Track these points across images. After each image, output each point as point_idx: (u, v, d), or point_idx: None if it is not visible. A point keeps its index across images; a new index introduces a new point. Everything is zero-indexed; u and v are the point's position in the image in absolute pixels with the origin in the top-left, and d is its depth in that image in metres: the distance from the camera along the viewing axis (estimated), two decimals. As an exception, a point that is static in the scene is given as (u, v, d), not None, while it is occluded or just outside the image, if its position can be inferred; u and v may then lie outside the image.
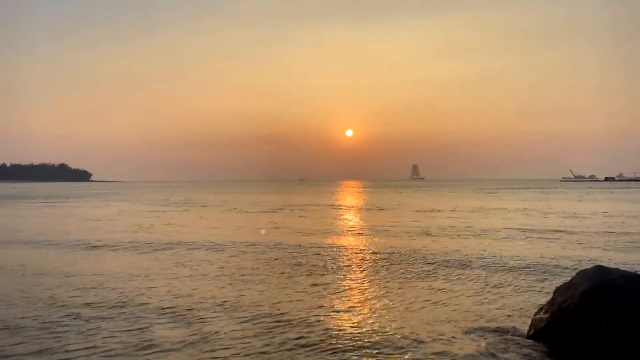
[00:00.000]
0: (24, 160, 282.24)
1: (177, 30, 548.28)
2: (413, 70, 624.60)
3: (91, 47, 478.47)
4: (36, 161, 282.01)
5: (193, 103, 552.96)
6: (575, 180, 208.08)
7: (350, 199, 55.74)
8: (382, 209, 36.00)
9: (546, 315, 6.29)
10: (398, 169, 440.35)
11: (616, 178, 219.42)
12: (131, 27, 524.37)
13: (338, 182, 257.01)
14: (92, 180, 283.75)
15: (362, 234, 19.91)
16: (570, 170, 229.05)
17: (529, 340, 6.33)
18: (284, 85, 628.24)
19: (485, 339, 6.44)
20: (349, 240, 17.45)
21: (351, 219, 28.25)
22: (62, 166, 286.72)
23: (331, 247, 15.43)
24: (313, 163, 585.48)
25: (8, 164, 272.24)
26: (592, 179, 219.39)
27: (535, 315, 6.61)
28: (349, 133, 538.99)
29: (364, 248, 15.20)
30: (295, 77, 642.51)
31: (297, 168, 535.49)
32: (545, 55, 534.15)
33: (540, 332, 6.28)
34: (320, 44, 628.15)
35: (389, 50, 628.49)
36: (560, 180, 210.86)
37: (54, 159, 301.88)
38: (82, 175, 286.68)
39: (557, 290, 6.50)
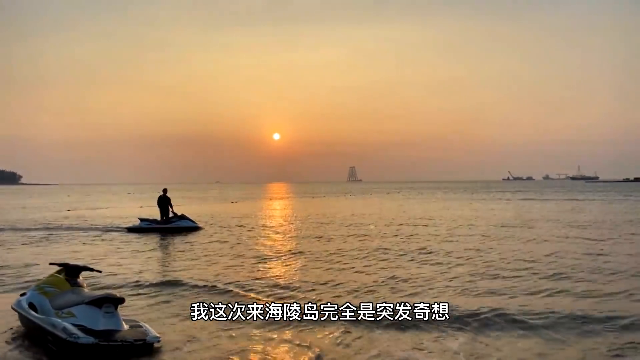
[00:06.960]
0: None
1: (102, 31, 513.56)
2: (340, 76, 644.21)
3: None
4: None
5: (112, 103, 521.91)
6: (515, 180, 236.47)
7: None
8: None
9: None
10: (335, 171, 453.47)
11: (543, 179, 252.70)
12: (57, 23, 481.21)
13: (263, 184, 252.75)
14: (22, 183, 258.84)
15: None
16: (509, 172, 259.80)
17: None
18: (205, 89, 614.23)
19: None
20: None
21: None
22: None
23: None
24: (236, 165, 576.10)
25: None
26: (530, 179, 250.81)
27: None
28: (276, 136, 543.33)
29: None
30: (217, 81, 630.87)
31: (217, 171, 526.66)
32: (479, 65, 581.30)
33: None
34: (243, 48, 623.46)
35: (313, 58, 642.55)
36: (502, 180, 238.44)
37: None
38: (10, 178, 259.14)
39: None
